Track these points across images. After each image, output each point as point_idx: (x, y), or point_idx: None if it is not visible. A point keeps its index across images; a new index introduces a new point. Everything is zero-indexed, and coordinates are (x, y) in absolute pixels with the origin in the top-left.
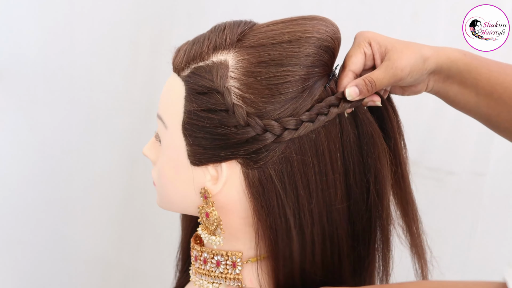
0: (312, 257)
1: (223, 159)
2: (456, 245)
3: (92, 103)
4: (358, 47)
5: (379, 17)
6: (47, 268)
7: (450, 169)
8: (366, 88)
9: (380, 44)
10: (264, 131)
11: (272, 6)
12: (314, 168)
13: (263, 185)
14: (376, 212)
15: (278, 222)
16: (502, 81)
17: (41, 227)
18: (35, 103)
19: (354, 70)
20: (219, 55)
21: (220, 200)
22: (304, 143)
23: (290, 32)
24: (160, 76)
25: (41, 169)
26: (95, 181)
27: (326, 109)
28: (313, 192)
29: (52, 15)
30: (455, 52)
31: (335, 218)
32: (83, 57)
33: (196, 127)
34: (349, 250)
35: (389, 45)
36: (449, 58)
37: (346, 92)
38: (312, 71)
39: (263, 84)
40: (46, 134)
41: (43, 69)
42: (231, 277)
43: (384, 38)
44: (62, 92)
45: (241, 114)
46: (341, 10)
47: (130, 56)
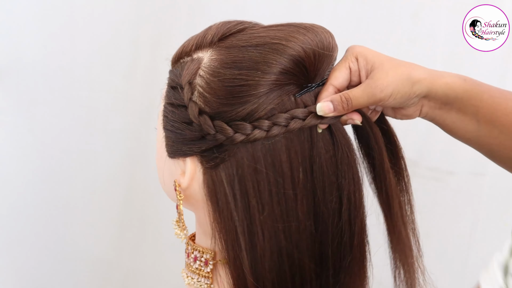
0: (268, 274)
1: (185, 154)
2: (456, 245)
3: (92, 103)
4: (344, 61)
5: (379, 17)
6: (47, 268)
7: (450, 169)
8: (342, 105)
9: (368, 61)
10: (215, 132)
11: (272, 6)
12: (268, 179)
13: (215, 186)
14: (348, 237)
15: (227, 227)
16: (505, 107)
17: (41, 227)
18: (35, 103)
19: (336, 85)
20: (199, 52)
21: (191, 196)
22: (257, 151)
23: (262, 37)
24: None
25: (41, 169)
26: (95, 181)
27: (286, 121)
28: (265, 204)
29: (52, 15)
30: (454, 78)
31: (294, 236)
32: (83, 57)
33: (167, 119)
34: (313, 273)
35: (377, 63)
36: (447, 84)
37: (318, 106)
38: (271, 79)
39: (219, 85)
40: (46, 134)
41: (43, 69)
42: (204, 274)
43: (374, 54)
44: (62, 92)
45: (192, 111)
46: (341, 10)
47: (130, 56)
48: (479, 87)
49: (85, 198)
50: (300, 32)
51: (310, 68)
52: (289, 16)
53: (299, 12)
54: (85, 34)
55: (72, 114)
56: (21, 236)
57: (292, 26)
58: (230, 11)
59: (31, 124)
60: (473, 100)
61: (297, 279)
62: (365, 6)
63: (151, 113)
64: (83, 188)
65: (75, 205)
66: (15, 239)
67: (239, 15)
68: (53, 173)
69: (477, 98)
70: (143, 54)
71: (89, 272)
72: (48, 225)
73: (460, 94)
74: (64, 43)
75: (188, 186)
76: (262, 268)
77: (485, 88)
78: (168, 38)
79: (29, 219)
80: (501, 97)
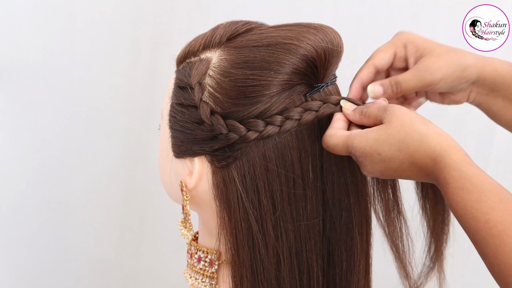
0: (277, 272)
1: (194, 153)
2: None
3: (92, 103)
4: (391, 46)
5: (379, 17)
6: (47, 268)
7: None
8: (391, 89)
9: (418, 48)
10: (227, 131)
11: (272, 6)
12: (279, 178)
13: (227, 186)
14: (355, 235)
15: (239, 227)
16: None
17: (40, 227)
18: (35, 103)
19: (378, 66)
20: (207, 52)
21: (197, 196)
22: (269, 150)
23: (272, 37)
24: (160, 76)
25: (41, 169)
26: (95, 181)
27: (299, 114)
28: (277, 203)
29: (52, 15)
30: (503, 65)
31: (303, 234)
32: (83, 57)
33: (174, 119)
34: (320, 271)
35: (427, 49)
36: (496, 70)
37: (369, 88)
38: (283, 79)
39: (231, 85)
40: (46, 134)
41: (43, 69)
42: (208, 274)
43: (425, 41)
44: (62, 92)
45: (204, 111)
46: (341, 10)
47: (130, 56)
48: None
49: (85, 198)
50: (310, 32)
51: (320, 68)
52: (289, 17)
53: (300, 12)
54: (85, 34)
55: (72, 114)
56: (21, 236)
57: (302, 26)
58: (230, 11)
59: (31, 124)
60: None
61: (305, 277)
62: (365, 6)
63: (151, 113)
64: (83, 188)
65: (75, 205)
66: (14, 239)
67: (239, 15)
68: (53, 173)
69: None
70: (143, 54)
71: (89, 272)
72: (48, 225)
73: (508, 80)
74: (64, 43)
75: (195, 186)
76: (271, 266)
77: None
78: (168, 38)
79: (29, 219)
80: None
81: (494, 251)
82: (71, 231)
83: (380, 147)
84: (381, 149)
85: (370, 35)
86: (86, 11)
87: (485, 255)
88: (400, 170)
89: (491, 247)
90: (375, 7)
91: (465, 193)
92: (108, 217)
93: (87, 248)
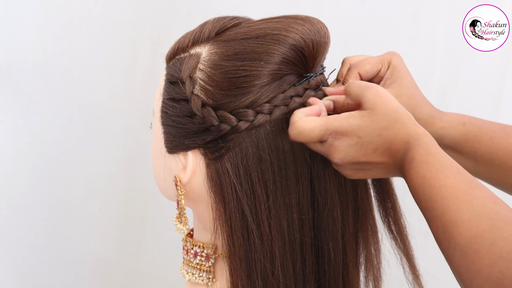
0: (272, 261)
1: (187, 147)
2: None
3: (92, 103)
4: (379, 62)
5: (379, 17)
6: (47, 268)
7: None
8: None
9: (394, 78)
10: (219, 122)
11: (272, 6)
12: (272, 167)
13: (220, 177)
14: (344, 225)
15: (234, 218)
16: (505, 146)
17: (40, 227)
18: (35, 103)
19: (362, 75)
20: (197, 48)
21: (191, 191)
22: (262, 140)
23: (261, 29)
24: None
25: (41, 169)
26: (95, 181)
27: (287, 100)
28: (270, 192)
29: (52, 15)
30: (452, 122)
31: (296, 223)
32: (83, 57)
33: (166, 115)
34: (311, 260)
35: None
36: (443, 129)
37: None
38: (273, 68)
39: (222, 77)
40: (46, 134)
41: (43, 69)
42: (205, 269)
43: (405, 77)
44: (62, 92)
45: (196, 104)
46: (341, 10)
47: (130, 56)
48: (478, 128)
49: (85, 197)
50: (298, 23)
51: (309, 57)
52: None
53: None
54: (85, 34)
55: (72, 114)
56: (21, 236)
57: (289, 18)
58: (230, 11)
59: (31, 124)
60: (471, 142)
61: (298, 265)
62: (365, 6)
63: (150, 113)
64: (83, 188)
65: (74, 205)
66: (14, 239)
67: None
68: (53, 173)
69: (475, 140)
70: (143, 54)
71: (89, 271)
72: (48, 225)
73: (457, 137)
74: (64, 43)
75: (189, 180)
76: (267, 256)
77: (485, 128)
78: (168, 38)
79: (29, 219)
80: (502, 135)
81: (442, 211)
82: (71, 231)
83: (362, 132)
84: (362, 133)
85: (370, 35)
86: (86, 11)
87: (433, 218)
88: (372, 155)
89: (439, 208)
90: (375, 7)
91: (427, 165)
92: (108, 217)
93: (87, 248)
